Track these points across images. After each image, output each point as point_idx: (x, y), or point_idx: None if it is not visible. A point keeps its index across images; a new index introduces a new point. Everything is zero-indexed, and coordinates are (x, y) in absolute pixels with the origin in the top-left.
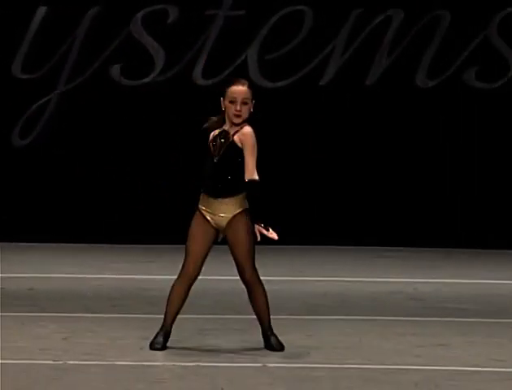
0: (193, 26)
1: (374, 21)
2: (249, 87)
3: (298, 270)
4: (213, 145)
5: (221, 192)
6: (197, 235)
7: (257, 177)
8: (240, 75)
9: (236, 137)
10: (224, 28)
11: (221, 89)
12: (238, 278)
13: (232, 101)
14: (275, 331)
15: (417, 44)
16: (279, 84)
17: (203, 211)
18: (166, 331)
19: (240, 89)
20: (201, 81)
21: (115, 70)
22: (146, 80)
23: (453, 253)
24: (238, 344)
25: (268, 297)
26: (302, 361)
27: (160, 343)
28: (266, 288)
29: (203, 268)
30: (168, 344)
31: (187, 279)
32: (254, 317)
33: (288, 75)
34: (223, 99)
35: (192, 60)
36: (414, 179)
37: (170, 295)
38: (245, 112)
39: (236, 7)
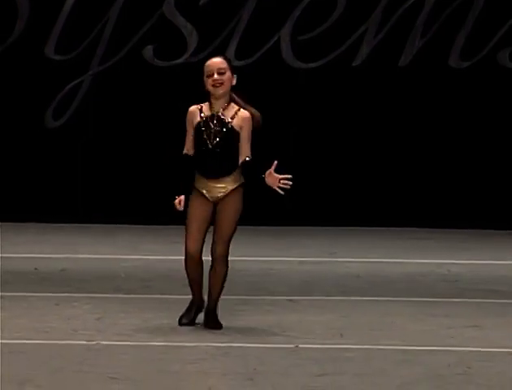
0: (225, 7)
1: (408, 1)
2: (225, 58)
3: (330, 252)
4: (204, 130)
5: (217, 174)
6: (196, 214)
7: (249, 157)
8: (272, 56)
9: (234, 122)
10: (257, 8)
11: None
12: (269, 259)
13: (209, 75)
14: (304, 311)
15: (450, 24)
16: (312, 65)
17: (200, 190)
18: (197, 306)
19: (213, 61)
20: (234, 62)
21: (148, 51)
22: (179, 61)
23: (487, 234)
24: (270, 325)
25: (302, 274)
26: (335, 342)
27: (189, 317)
28: (298, 268)
29: (232, 248)
30: (200, 326)
31: (190, 256)
32: (287, 298)
33: (320, 56)
34: (204, 79)
35: (225, 41)
36: (448, 160)
37: (187, 274)
38: (227, 81)
39: None
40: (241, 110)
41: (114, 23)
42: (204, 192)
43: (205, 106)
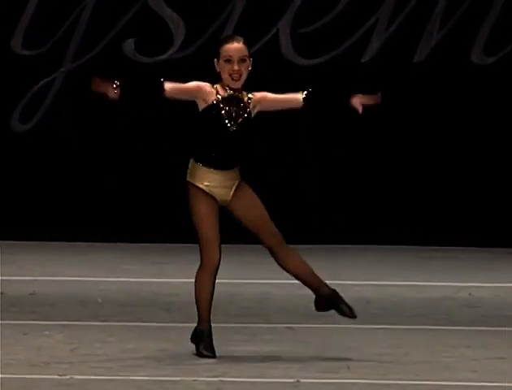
0: None
1: None
2: (245, 43)
3: (335, 273)
4: (222, 110)
5: (232, 163)
6: (209, 217)
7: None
8: (270, 51)
9: (251, 106)
10: None
11: (215, 50)
12: (268, 281)
13: (228, 60)
14: (305, 341)
15: (473, 14)
16: (315, 61)
17: (204, 187)
18: (207, 331)
19: (235, 47)
20: None
21: (129, 45)
22: (164, 56)
23: (510, 253)
24: (268, 356)
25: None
26: (341, 376)
27: (208, 348)
28: (299, 292)
29: (226, 269)
30: (190, 357)
31: (211, 268)
32: (286, 325)
33: (324, 52)
34: (217, 60)
35: (215, 34)
36: (467, 168)
37: (197, 291)
38: (245, 72)
39: None
40: (253, 93)
41: (91, 12)
42: (212, 191)
43: (218, 86)
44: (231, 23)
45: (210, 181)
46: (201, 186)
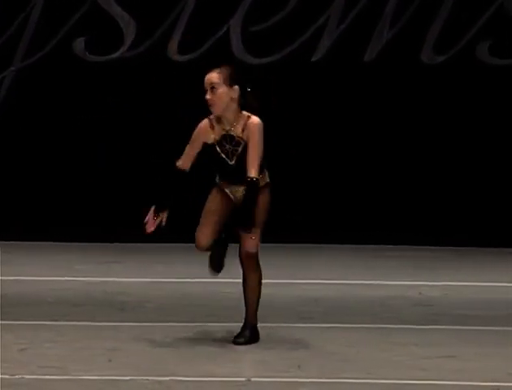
0: None
1: None
2: (221, 71)
3: (291, 273)
4: (220, 151)
5: (241, 181)
6: (211, 206)
7: (255, 176)
8: (221, 50)
9: (245, 135)
10: None
11: None
12: (218, 281)
13: (205, 92)
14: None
15: (422, 14)
16: (266, 59)
17: (223, 188)
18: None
19: (207, 77)
20: (177, 57)
21: (79, 44)
22: (115, 55)
23: (463, 251)
24: (218, 356)
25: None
26: (292, 375)
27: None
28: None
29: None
30: (141, 356)
31: (198, 249)
32: (238, 324)
33: (275, 50)
34: None
35: (166, 33)
36: (418, 168)
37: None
38: (219, 99)
39: None
40: (251, 118)
41: (41, 11)
42: (227, 191)
43: (214, 120)
44: (182, 22)
45: (226, 187)
46: (219, 186)
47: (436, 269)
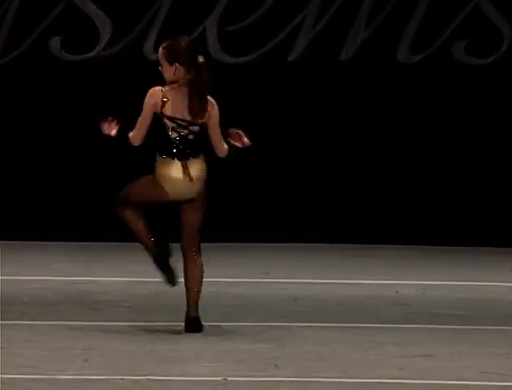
0: None
1: None
2: (164, 47)
3: (263, 272)
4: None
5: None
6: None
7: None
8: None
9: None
10: None
11: None
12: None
13: None
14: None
15: (398, 13)
16: (242, 59)
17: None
18: (158, 252)
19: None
20: (153, 56)
21: (55, 43)
22: (91, 54)
23: (439, 250)
24: (195, 355)
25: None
26: (268, 374)
27: (171, 273)
28: (227, 290)
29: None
30: (117, 356)
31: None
32: (214, 323)
33: (252, 50)
34: None
35: (143, 32)
36: (393, 168)
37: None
38: (165, 75)
39: None
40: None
41: (16, 10)
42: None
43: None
44: (158, 21)
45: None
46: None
47: (412, 267)
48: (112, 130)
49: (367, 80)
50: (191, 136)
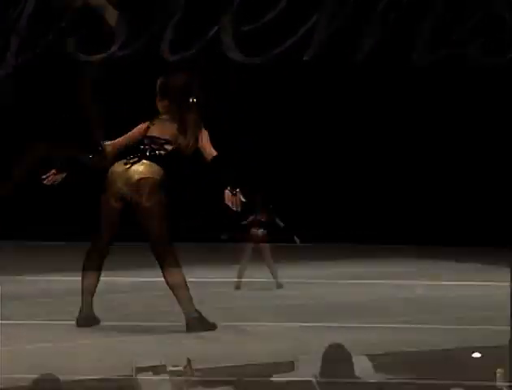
0: None
1: None
2: (161, 81)
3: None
4: None
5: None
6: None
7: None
8: (212, 49)
9: None
10: None
11: None
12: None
13: None
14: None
15: (414, 12)
16: (258, 59)
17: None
18: None
19: None
20: (169, 56)
21: (71, 43)
22: (105, 54)
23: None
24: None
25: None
26: None
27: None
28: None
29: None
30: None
31: None
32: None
33: (267, 49)
34: None
35: (159, 32)
36: (409, 169)
37: None
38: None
39: None
40: None
41: (31, 11)
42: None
43: None
44: (173, 21)
45: None
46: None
47: None
48: (54, 181)
49: (382, 80)
50: (162, 152)
